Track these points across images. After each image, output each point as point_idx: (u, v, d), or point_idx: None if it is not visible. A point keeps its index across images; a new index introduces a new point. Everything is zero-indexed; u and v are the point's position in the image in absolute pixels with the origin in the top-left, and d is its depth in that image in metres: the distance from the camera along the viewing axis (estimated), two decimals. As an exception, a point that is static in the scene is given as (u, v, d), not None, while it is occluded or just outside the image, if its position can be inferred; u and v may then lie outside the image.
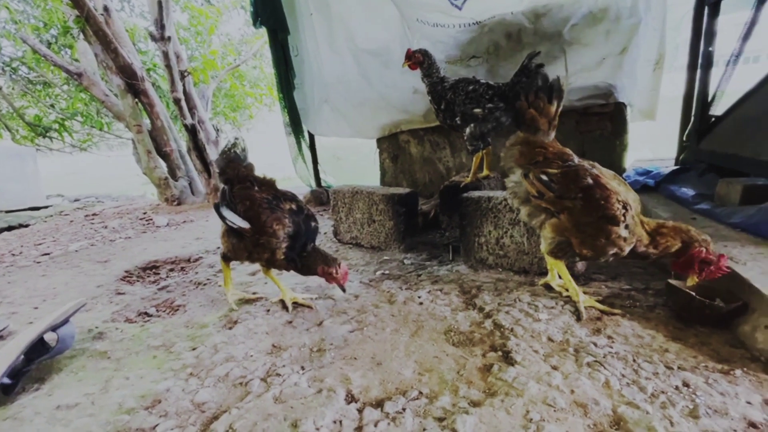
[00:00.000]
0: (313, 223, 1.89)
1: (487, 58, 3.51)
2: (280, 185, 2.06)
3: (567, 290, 1.79)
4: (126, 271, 2.78)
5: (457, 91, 2.70)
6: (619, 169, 3.20)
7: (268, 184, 1.97)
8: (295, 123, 4.47)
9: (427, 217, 3.14)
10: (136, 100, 5.39)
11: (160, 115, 5.51)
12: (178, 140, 5.81)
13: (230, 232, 1.88)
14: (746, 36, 2.54)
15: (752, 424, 1.01)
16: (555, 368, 1.30)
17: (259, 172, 2.06)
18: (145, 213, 5.18)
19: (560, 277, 1.83)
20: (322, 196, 4.59)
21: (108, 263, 3.01)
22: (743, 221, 1.95)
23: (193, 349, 1.65)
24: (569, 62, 3.27)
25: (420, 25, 3.57)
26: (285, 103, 4.38)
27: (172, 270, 2.83)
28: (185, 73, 5.24)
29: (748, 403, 1.08)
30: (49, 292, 2.45)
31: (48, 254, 3.54)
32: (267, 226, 1.76)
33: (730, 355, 1.32)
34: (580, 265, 2.04)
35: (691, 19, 2.86)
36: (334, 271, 1.78)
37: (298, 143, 4.59)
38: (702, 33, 2.68)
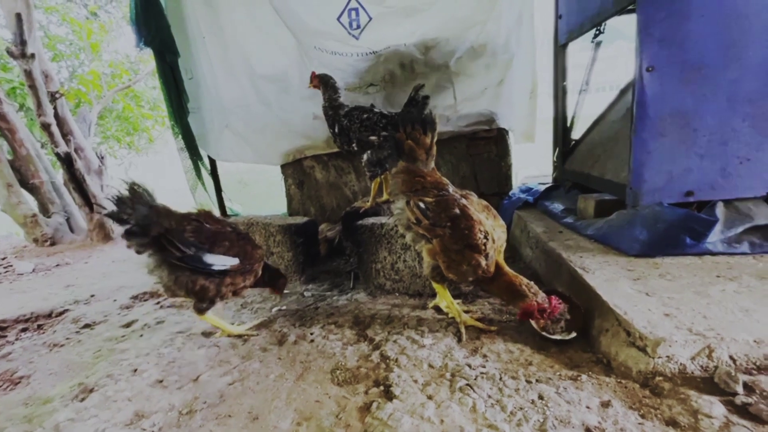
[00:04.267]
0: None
1: (384, 86, 3.65)
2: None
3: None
4: (-44, 339, 2.25)
5: (352, 118, 2.75)
6: (505, 188, 3.51)
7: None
8: (191, 149, 4.15)
9: (332, 244, 3.10)
10: (-9, 125, 4.56)
11: (24, 143, 4.72)
12: (51, 171, 5.02)
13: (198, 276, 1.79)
14: (590, 70, 3.01)
15: (588, 429, 1.11)
16: (430, 398, 1.31)
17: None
18: (4, 258, 4.33)
19: (446, 298, 1.91)
20: (227, 225, 4.28)
21: (-68, 330, 2.41)
22: (595, 233, 2.24)
23: (26, 434, 1.36)
24: (457, 91, 3.56)
25: (318, 52, 3.60)
26: (178, 129, 4.05)
27: (24, 330, 2.36)
28: (56, 95, 4.59)
29: (588, 408, 1.19)
30: None
31: None
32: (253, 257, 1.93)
33: (581, 360, 1.47)
34: (467, 284, 2.15)
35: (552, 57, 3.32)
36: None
37: (197, 169, 4.26)
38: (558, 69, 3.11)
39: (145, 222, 1.68)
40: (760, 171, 1.94)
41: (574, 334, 1.60)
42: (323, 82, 2.87)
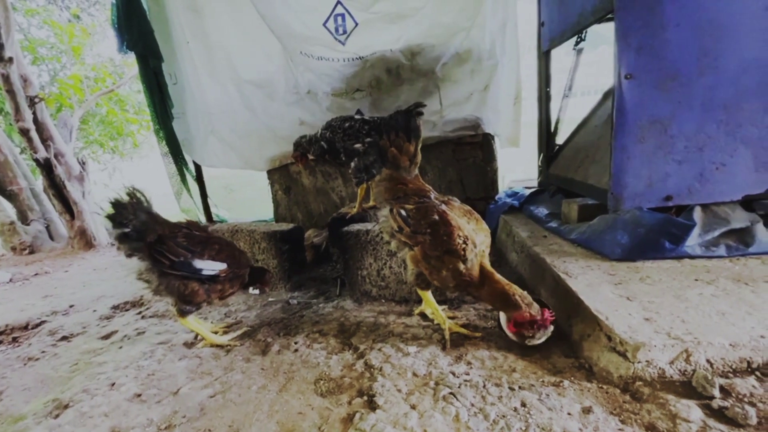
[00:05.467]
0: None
1: (371, 91, 3.65)
2: (174, 219, 1.93)
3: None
4: (-75, 355, 2.16)
5: (334, 129, 2.73)
6: (491, 192, 3.54)
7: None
8: (176, 154, 4.09)
9: (318, 250, 3.08)
10: (-34, 130, 4.44)
11: (2, 148, 4.59)
12: (30, 177, 4.90)
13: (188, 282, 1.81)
14: (573, 76, 3.05)
15: (569, 437, 1.12)
16: (413, 407, 1.30)
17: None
18: (-20, 268, 4.19)
19: (432, 305, 1.90)
20: (212, 232, 4.22)
21: None
22: (578, 237, 2.26)
23: (-5, 455, 1.31)
24: (443, 97, 3.58)
25: (304, 58, 3.59)
26: (163, 134, 3.99)
27: (-2, 343, 2.29)
28: (36, 100, 4.48)
29: (569, 414, 1.20)
30: None
31: None
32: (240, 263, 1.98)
33: (563, 366, 1.47)
34: (453, 290, 2.15)
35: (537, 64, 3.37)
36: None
37: (182, 175, 4.19)
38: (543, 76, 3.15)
39: (142, 228, 1.73)
40: (735, 176, 1.99)
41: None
42: (302, 147, 2.94)
